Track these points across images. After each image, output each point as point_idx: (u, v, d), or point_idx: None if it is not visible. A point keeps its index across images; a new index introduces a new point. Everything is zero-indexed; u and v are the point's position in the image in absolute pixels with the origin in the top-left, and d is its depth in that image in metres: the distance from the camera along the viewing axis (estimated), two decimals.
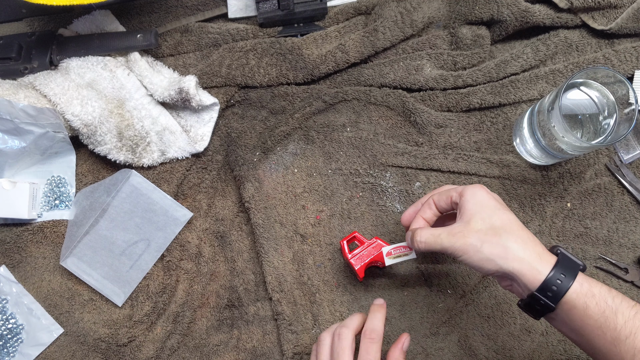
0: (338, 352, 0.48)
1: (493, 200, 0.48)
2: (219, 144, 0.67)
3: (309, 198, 0.65)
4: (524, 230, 0.46)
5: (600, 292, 0.42)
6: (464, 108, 0.64)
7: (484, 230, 0.46)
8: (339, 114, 0.66)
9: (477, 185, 0.49)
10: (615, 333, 0.41)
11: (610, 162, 0.62)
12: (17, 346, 0.62)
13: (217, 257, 0.65)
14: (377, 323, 0.50)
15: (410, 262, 0.62)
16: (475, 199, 0.48)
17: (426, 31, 0.67)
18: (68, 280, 0.64)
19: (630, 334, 0.41)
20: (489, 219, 0.46)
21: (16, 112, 0.58)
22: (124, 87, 0.64)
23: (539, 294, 0.43)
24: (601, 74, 0.54)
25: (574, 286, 0.42)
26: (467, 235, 0.46)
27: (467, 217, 0.47)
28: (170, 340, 0.62)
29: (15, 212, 0.62)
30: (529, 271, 0.43)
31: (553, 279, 0.43)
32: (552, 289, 0.43)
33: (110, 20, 0.66)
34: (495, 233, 0.45)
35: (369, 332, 0.49)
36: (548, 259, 0.44)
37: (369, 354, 0.48)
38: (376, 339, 0.48)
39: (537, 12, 0.62)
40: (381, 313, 0.51)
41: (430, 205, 0.52)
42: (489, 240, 0.45)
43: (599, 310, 0.42)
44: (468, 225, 0.46)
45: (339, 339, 0.49)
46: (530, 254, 0.44)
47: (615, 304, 0.42)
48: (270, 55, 0.66)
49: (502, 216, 0.46)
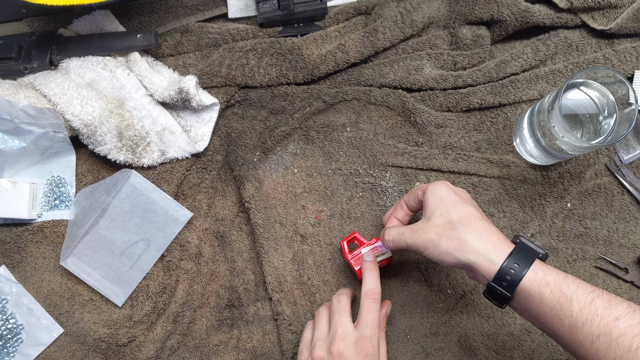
0: (339, 312, 0.50)
1: (453, 195, 0.49)
2: (219, 144, 0.67)
3: (309, 198, 0.65)
4: (481, 221, 0.47)
5: (555, 280, 0.43)
6: (464, 108, 0.64)
7: (442, 225, 0.47)
8: (339, 114, 0.66)
9: (440, 181, 0.51)
10: (572, 320, 0.41)
11: (610, 162, 0.62)
12: (17, 346, 0.62)
13: (217, 257, 0.65)
14: (375, 283, 0.52)
15: (410, 262, 0.62)
16: (436, 194, 0.49)
17: (426, 31, 0.67)
18: (68, 280, 0.64)
19: (586, 321, 0.41)
20: (447, 213, 0.48)
21: (16, 112, 0.58)
22: (124, 87, 0.64)
23: (495, 283, 0.44)
24: (601, 74, 0.54)
25: (528, 275, 0.43)
26: (427, 231, 0.48)
27: (429, 213, 0.49)
28: (170, 340, 0.62)
29: (15, 212, 0.62)
30: (484, 262, 0.45)
31: (507, 268, 0.44)
32: (506, 279, 0.44)
33: (110, 20, 0.66)
34: (452, 227, 0.46)
35: (370, 292, 0.50)
36: (503, 249, 0.45)
37: (372, 312, 0.49)
38: (377, 299, 0.50)
39: (537, 12, 0.62)
40: (375, 271, 0.53)
41: (402, 205, 0.55)
42: (446, 234, 0.46)
43: (554, 298, 0.42)
44: (429, 221, 0.48)
45: (339, 302, 0.51)
46: (485, 244, 0.45)
47: (570, 291, 0.42)
48: (270, 55, 0.66)
49: (460, 210, 0.47)
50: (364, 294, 0.51)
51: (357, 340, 0.47)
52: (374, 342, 0.47)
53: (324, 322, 0.51)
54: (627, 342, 0.39)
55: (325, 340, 0.50)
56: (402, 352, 0.60)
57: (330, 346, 0.48)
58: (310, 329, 0.53)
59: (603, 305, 0.41)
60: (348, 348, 0.47)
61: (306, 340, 0.52)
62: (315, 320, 0.52)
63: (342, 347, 0.47)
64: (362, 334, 0.48)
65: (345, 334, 0.48)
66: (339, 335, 0.48)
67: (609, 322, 0.40)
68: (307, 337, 0.53)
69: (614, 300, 0.41)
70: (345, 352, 0.47)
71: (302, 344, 0.53)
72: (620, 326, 0.40)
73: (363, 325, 0.48)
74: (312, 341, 0.51)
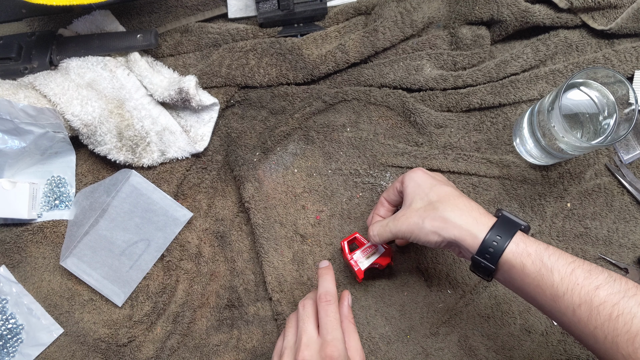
0: (303, 319, 0.50)
1: (429, 179, 0.51)
2: (219, 144, 0.67)
3: (309, 198, 0.65)
4: (460, 198, 0.48)
5: (537, 250, 0.44)
6: (464, 108, 0.64)
7: (423, 207, 0.49)
8: (339, 114, 0.66)
9: (415, 169, 0.53)
10: (553, 290, 0.42)
11: (610, 162, 0.62)
12: (17, 346, 0.62)
13: (217, 257, 0.65)
14: (328, 285, 0.52)
15: (410, 262, 0.62)
16: (412, 182, 0.51)
17: (426, 31, 0.67)
18: (68, 280, 0.64)
19: (567, 291, 0.42)
20: (426, 196, 0.49)
21: (16, 112, 0.58)
22: (124, 87, 0.64)
23: (478, 256, 0.45)
24: (601, 74, 0.54)
25: (510, 247, 0.44)
26: (410, 217, 0.49)
27: (409, 200, 0.51)
28: (170, 340, 0.62)
29: (15, 212, 0.62)
30: (468, 236, 0.46)
31: (489, 241, 0.45)
32: (489, 251, 0.45)
33: (110, 20, 0.66)
34: (433, 207, 0.48)
35: (323, 295, 0.51)
36: (485, 222, 0.46)
37: (329, 315, 0.49)
38: (332, 301, 0.51)
39: (537, 12, 0.62)
40: (329, 275, 0.54)
41: (382, 202, 0.57)
42: (428, 215, 0.48)
43: (535, 269, 0.43)
44: (410, 207, 0.50)
45: (303, 308, 0.51)
46: (467, 219, 0.46)
47: (551, 261, 0.43)
48: (270, 55, 0.66)
49: (438, 190, 0.49)
50: (317, 298, 0.51)
51: (321, 347, 0.47)
52: (337, 344, 0.47)
53: (292, 330, 0.51)
54: (608, 310, 0.40)
55: (292, 348, 0.49)
56: (402, 352, 0.60)
57: (296, 355, 0.48)
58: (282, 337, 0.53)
59: (584, 275, 0.41)
60: (313, 356, 0.47)
61: (277, 349, 0.52)
62: (285, 328, 0.52)
63: (307, 356, 0.47)
64: (324, 339, 0.48)
65: (309, 342, 0.48)
66: (303, 344, 0.48)
67: (590, 291, 0.41)
68: (278, 346, 0.53)
69: (595, 270, 0.42)
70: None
71: (274, 353, 0.53)
72: (601, 295, 0.40)
73: (323, 330, 0.48)
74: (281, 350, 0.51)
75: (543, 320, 0.60)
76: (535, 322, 0.60)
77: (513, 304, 0.60)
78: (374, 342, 0.61)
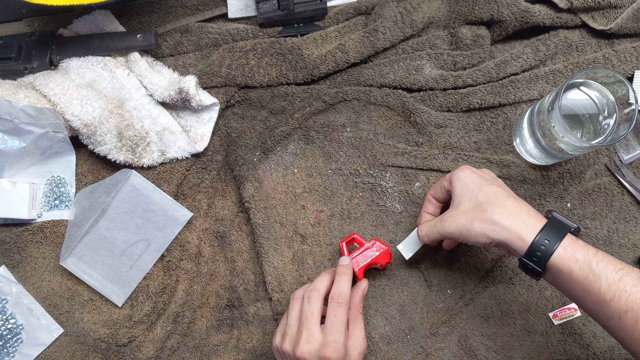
0: (307, 315, 0.49)
1: (478, 178, 0.51)
2: (219, 144, 0.67)
3: (309, 198, 0.65)
4: (509, 199, 0.48)
5: (585, 256, 0.44)
6: (464, 108, 0.64)
7: (471, 209, 0.49)
8: (339, 114, 0.66)
9: (463, 167, 0.53)
10: (600, 296, 0.43)
11: (610, 162, 0.62)
12: (17, 346, 0.62)
13: (217, 257, 0.65)
14: (343, 287, 0.51)
15: (410, 262, 0.62)
16: (460, 181, 0.51)
17: (426, 31, 0.67)
18: (68, 280, 0.64)
19: (614, 297, 0.42)
20: (475, 197, 0.49)
21: (16, 112, 0.58)
22: (124, 87, 0.64)
23: (526, 259, 0.46)
24: (601, 74, 0.54)
25: (558, 251, 0.45)
26: (457, 218, 0.49)
27: (457, 200, 0.51)
28: (170, 340, 0.62)
29: (15, 212, 0.62)
30: (516, 239, 0.46)
31: (537, 244, 0.45)
32: (537, 255, 0.45)
33: (110, 20, 0.66)
34: (482, 209, 0.48)
35: (336, 296, 0.50)
36: (534, 224, 0.46)
37: (337, 317, 0.49)
38: (343, 303, 0.50)
39: (537, 12, 0.62)
40: (347, 275, 0.53)
41: (430, 200, 0.57)
42: (477, 217, 0.48)
43: (582, 274, 0.44)
44: (457, 208, 0.50)
45: (309, 302, 0.50)
46: (515, 221, 0.46)
47: (599, 268, 0.43)
48: (270, 55, 0.66)
49: (486, 191, 0.49)
50: (331, 297, 0.51)
51: (321, 346, 0.47)
52: (337, 347, 0.47)
53: (295, 314, 0.51)
54: None
55: (294, 336, 0.50)
56: (402, 352, 0.60)
57: (295, 348, 0.48)
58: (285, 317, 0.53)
59: (632, 282, 0.42)
60: (312, 353, 0.47)
61: (281, 328, 0.52)
62: (289, 308, 0.52)
63: (305, 351, 0.47)
64: (326, 339, 0.48)
65: (310, 338, 0.48)
66: (304, 338, 0.48)
67: (638, 299, 0.41)
68: (281, 326, 0.53)
69: None
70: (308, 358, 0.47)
71: (277, 330, 0.53)
72: None
73: (327, 330, 0.48)
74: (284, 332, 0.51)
75: (543, 320, 0.60)
76: (535, 322, 0.60)
77: (513, 304, 0.60)
78: (374, 342, 0.61)
